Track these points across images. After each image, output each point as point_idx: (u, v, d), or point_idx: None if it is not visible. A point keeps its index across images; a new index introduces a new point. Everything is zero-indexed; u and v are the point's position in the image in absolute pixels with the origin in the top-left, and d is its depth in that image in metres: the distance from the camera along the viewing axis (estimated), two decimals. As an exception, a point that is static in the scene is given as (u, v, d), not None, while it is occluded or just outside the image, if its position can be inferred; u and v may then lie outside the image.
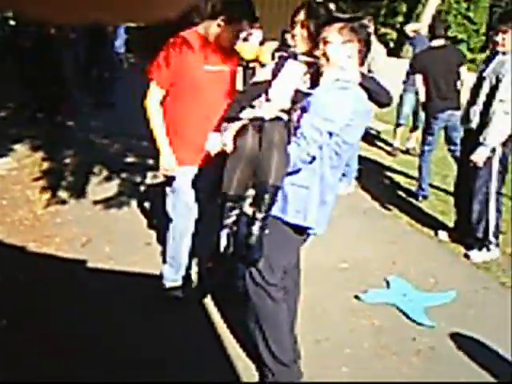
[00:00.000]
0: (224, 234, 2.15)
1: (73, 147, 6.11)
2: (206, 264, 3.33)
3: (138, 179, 5.38)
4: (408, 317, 3.16)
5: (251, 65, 7.76)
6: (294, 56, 2.40)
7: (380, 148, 7.08)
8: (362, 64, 2.21)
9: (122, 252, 3.78)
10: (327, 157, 2.19)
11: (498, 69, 3.54)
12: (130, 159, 6.02)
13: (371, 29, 4.76)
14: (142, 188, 5.11)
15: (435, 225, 4.55)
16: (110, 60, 7.87)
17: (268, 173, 2.06)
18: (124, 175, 5.44)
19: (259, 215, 2.08)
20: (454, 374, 2.67)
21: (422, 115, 5.76)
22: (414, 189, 5.30)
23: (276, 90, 2.37)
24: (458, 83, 4.87)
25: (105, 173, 5.47)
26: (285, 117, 2.29)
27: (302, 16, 2.40)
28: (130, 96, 8.67)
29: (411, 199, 5.15)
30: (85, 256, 3.69)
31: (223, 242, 2.15)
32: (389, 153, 6.78)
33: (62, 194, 4.72)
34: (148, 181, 5.33)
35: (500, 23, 3.57)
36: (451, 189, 5.14)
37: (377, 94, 2.20)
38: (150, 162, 5.91)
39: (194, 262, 3.63)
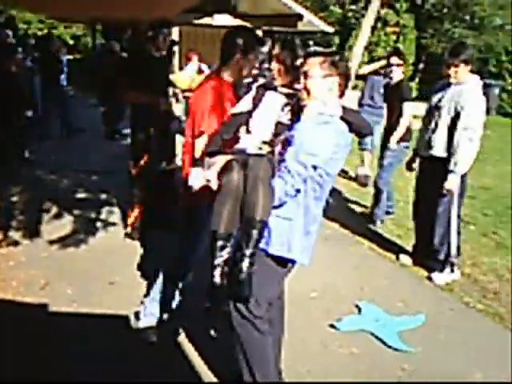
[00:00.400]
0: (217, 273, 2.09)
1: (20, 184, 5.86)
2: (202, 305, 3.22)
3: (92, 215, 5.20)
4: (383, 342, 3.18)
5: (186, 94, 7.73)
6: (273, 88, 2.42)
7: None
8: (341, 96, 2.25)
9: (84, 293, 3.61)
10: (311, 189, 2.21)
11: (457, 98, 3.73)
12: (80, 195, 5.83)
13: None
14: (99, 224, 4.93)
15: (394, 249, 4.67)
16: (61, 95, 7.72)
17: (254, 209, 2.05)
18: (77, 212, 5.25)
19: (247, 251, 2.05)
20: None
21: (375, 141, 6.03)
22: (369, 213, 5.45)
23: (257, 121, 2.37)
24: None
25: (55, 210, 5.26)
26: (267, 149, 2.30)
27: (276, 50, 2.44)
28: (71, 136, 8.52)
29: (370, 225, 5.27)
30: (45, 299, 3.50)
31: (217, 281, 2.09)
32: (360, 183, 6.90)
33: (14, 235, 4.48)
34: (103, 216, 5.16)
35: (451, 57, 3.77)
36: (404, 213, 5.33)
37: (357, 126, 2.25)
38: (103, 196, 5.77)
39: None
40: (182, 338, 3.11)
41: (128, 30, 13.76)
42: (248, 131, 2.40)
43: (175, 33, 11.68)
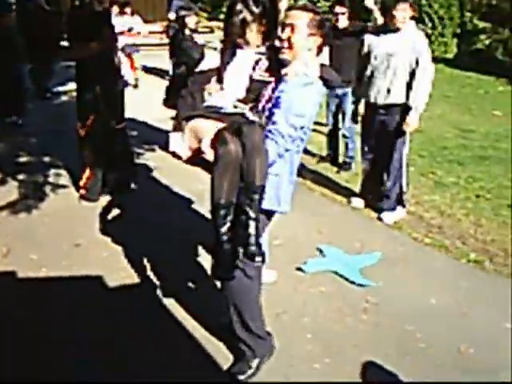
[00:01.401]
0: (225, 239, 2.14)
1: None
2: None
3: (40, 179, 5.06)
4: (347, 280, 3.44)
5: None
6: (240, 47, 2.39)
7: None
8: (318, 54, 2.34)
9: (51, 258, 3.59)
10: (295, 145, 2.32)
11: (411, 45, 3.95)
12: (23, 159, 5.62)
13: None
14: (49, 188, 4.82)
15: (344, 193, 4.92)
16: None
17: (254, 175, 2.11)
18: (22, 177, 5.09)
19: (252, 215, 2.14)
20: (404, 325, 3.00)
21: None
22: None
23: (230, 79, 2.39)
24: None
25: (-1, 176, 5.07)
26: (242, 106, 2.35)
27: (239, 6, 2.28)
28: None
29: (319, 170, 5.50)
30: (12, 267, 3.46)
31: (226, 247, 2.15)
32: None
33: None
34: (51, 180, 5.04)
35: (402, 2, 3.93)
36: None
37: (331, 82, 2.36)
38: (46, 159, 5.59)
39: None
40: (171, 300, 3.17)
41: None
42: (221, 89, 2.43)
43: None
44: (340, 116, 5.50)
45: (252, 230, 2.14)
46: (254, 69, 2.37)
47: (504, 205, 4.79)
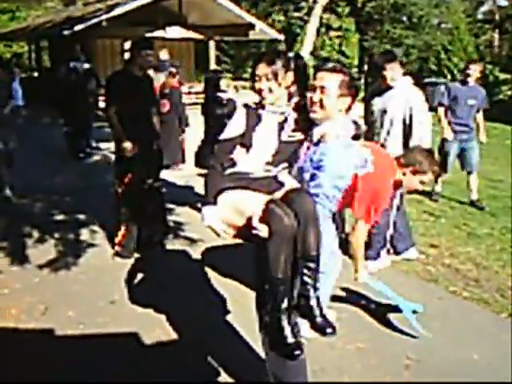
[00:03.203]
0: (285, 321, 2.06)
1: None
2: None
3: (75, 237, 5.16)
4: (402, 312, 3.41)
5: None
6: (263, 107, 2.36)
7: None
8: (346, 113, 2.38)
9: (87, 315, 3.62)
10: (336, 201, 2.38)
11: (404, 100, 4.10)
12: (59, 217, 5.76)
13: None
14: (84, 245, 4.91)
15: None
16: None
17: (310, 245, 2.10)
18: (57, 235, 5.20)
19: (311, 281, 2.11)
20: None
21: None
22: None
23: (258, 144, 2.34)
24: None
25: (36, 234, 5.19)
26: (272, 169, 2.36)
27: (264, 70, 2.31)
28: (33, 157, 8.34)
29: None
30: (49, 324, 3.49)
31: (288, 333, 2.07)
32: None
33: (1, 262, 4.42)
34: (86, 237, 5.13)
35: (392, 61, 4.08)
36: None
37: (361, 136, 2.42)
38: (81, 217, 5.72)
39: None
40: (207, 358, 3.14)
41: (77, 47, 13.54)
42: (248, 153, 2.36)
43: (127, 47, 11.66)
44: None
45: (314, 302, 2.08)
46: (281, 129, 2.34)
47: (541, 256, 4.70)
